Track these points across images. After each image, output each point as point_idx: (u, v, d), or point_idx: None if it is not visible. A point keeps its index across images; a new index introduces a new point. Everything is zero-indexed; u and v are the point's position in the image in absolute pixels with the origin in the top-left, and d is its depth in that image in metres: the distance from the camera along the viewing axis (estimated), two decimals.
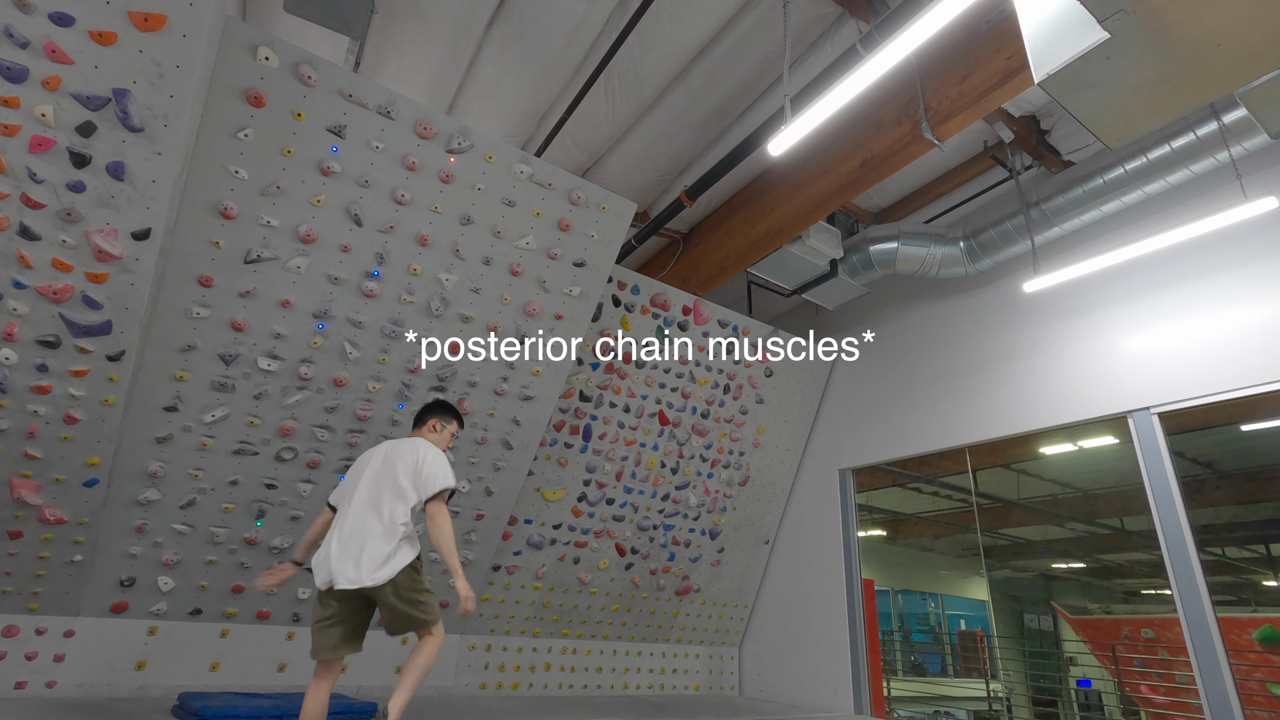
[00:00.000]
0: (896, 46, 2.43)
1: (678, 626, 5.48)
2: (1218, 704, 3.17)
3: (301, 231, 3.17)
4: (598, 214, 3.82)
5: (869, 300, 5.49)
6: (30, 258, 2.62)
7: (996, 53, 3.28)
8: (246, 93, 2.84)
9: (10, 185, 2.50)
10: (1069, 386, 4.10)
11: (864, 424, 5.34)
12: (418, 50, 3.70)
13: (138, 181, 2.62)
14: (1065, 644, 7.22)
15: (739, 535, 5.53)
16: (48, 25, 2.34)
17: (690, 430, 5.05)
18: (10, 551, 3.10)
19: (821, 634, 5.10)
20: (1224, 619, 3.28)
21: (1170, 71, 1.90)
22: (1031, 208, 4.07)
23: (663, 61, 3.70)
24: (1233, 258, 3.59)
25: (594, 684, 5.04)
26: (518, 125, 4.21)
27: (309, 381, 3.47)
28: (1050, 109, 3.94)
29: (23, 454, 2.93)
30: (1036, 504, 7.34)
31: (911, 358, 5.12)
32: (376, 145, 3.16)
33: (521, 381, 4.02)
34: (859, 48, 2.89)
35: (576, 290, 3.95)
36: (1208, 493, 5.52)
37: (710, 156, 4.45)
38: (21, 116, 2.43)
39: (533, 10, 3.48)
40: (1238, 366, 3.45)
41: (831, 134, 4.11)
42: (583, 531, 4.77)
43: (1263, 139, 3.22)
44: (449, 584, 4.28)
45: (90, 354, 2.85)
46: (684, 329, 4.80)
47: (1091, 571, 8.15)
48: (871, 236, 4.71)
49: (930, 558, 9.46)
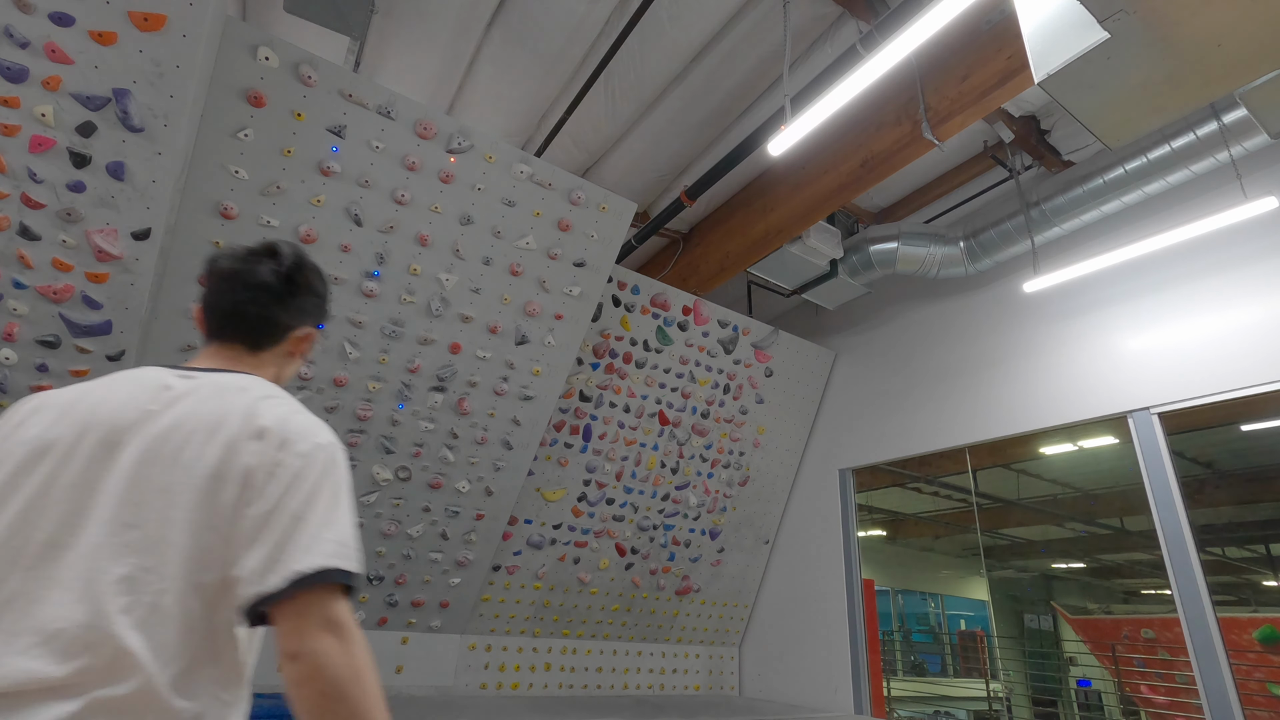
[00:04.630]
0: (896, 46, 2.43)
1: (678, 626, 5.48)
2: (1218, 704, 3.16)
3: (301, 231, 3.17)
4: (598, 214, 3.82)
5: (869, 300, 5.48)
6: (30, 258, 2.62)
7: (996, 53, 3.27)
8: (246, 93, 2.84)
9: (10, 185, 2.50)
10: (1069, 386, 4.10)
11: (864, 424, 5.34)
12: (418, 50, 3.70)
13: (138, 181, 2.62)
14: (1065, 644, 7.22)
15: (739, 535, 5.53)
16: (48, 25, 2.34)
17: (690, 430, 5.05)
18: None
19: (821, 634, 5.10)
20: (1224, 619, 3.28)
21: (1170, 71, 1.90)
22: (1031, 208, 4.06)
23: (663, 61, 3.69)
24: (1233, 258, 3.58)
25: (594, 684, 5.04)
26: (518, 125, 4.21)
27: (309, 381, 3.47)
28: (1050, 109, 3.94)
29: None
30: (1036, 504, 7.34)
31: (911, 358, 5.12)
32: (376, 145, 3.16)
33: (521, 381, 4.02)
34: (859, 48, 2.89)
35: (576, 290, 3.95)
36: (1208, 493, 5.52)
37: (710, 156, 4.45)
38: (21, 116, 2.43)
39: (533, 10, 3.48)
40: (1238, 366, 3.44)
41: (831, 134, 4.11)
42: (583, 531, 4.77)
43: (1263, 139, 3.22)
44: (450, 584, 4.29)
45: (90, 354, 2.85)
46: (684, 329, 4.80)
47: (1091, 571, 8.15)
48: (871, 236, 4.71)
49: (930, 558, 9.46)
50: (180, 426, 0.92)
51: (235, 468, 0.89)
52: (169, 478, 0.88)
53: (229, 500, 0.88)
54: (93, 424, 0.92)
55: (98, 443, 0.91)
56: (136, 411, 0.93)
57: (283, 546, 0.85)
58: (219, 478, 0.89)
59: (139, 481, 0.88)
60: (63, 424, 0.92)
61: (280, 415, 0.96)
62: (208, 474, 0.89)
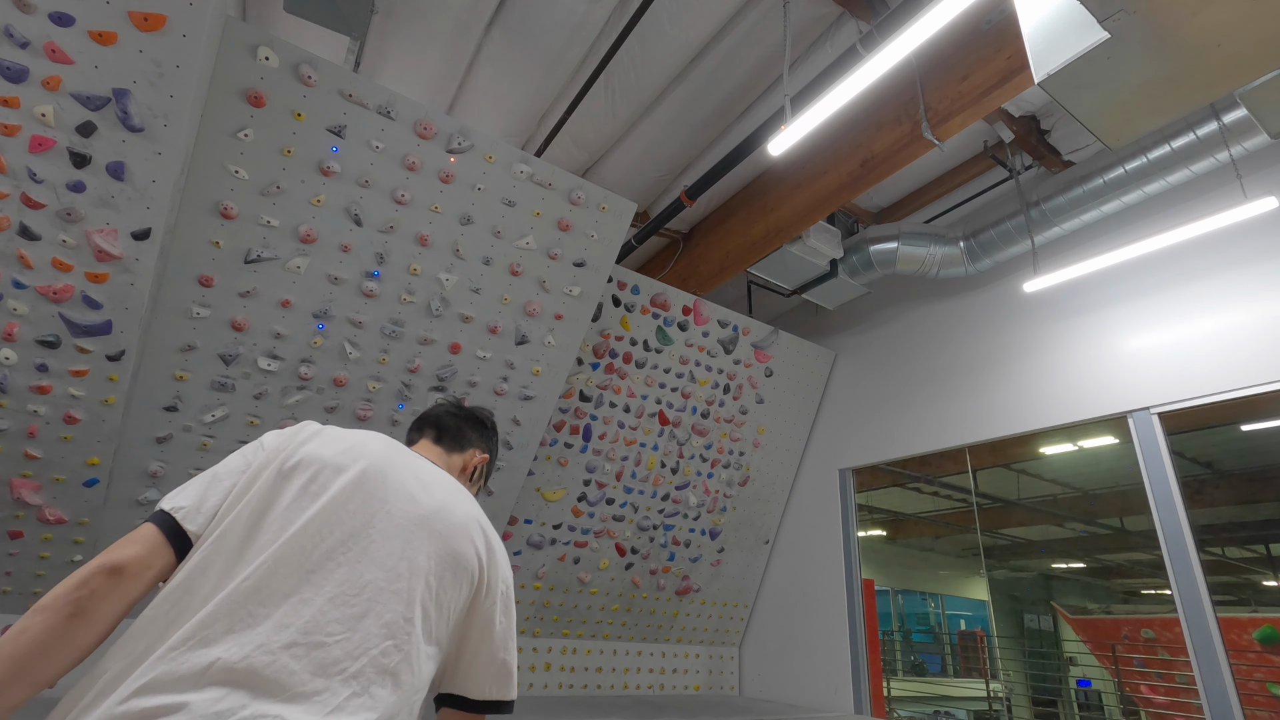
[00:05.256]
0: (896, 46, 2.43)
1: (678, 626, 5.48)
2: (1218, 704, 3.16)
3: (301, 231, 3.17)
4: (598, 214, 3.82)
5: (869, 300, 5.48)
6: (30, 258, 2.62)
7: (996, 53, 3.27)
8: (246, 93, 2.84)
9: (10, 185, 2.50)
10: (1069, 386, 4.10)
11: (864, 424, 5.34)
12: (418, 50, 3.70)
13: (138, 181, 2.62)
14: (1065, 644, 7.22)
15: (739, 535, 5.53)
16: (48, 25, 2.34)
17: (690, 430, 5.05)
18: (10, 551, 3.10)
19: (821, 634, 5.10)
20: (1224, 619, 3.28)
21: (1170, 71, 1.90)
22: (1031, 208, 4.06)
23: (663, 61, 3.69)
24: (1233, 258, 3.58)
25: (594, 684, 5.04)
26: (518, 125, 4.21)
27: (309, 381, 3.47)
28: (1050, 109, 3.94)
29: (23, 454, 2.93)
30: (1036, 504, 7.34)
31: (912, 358, 5.12)
32: (376, 145, 3.16)
33: (521, 381, 4.02)
34: (859, 48, 2.89)
35: (576, 290, 3.95)
36: (1208, 493, 5.52)
37: (710, 156, 4.45)
38: (21, 116, 2.43)
39: (533, 10, 3.48)
40: (1238, 366, 3.44)
41: (831, 134, 4.11)
42: (583, 531, 4.77)
43: (1263, 139, 3.22)
44: None
45: (90, 354, 2.85)
46: (684, 329, 4.80)
47: (1091, 571, 8.15)
48: (871, 236, 4.71)
49: (930, 558, 9.46)
50: (444, 501, 1.20)
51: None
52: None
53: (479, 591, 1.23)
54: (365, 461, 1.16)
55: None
56: (389, 463, 1.19)
57: (491, 664, 1.27)
58: None
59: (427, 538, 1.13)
60: None
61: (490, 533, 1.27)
62: None
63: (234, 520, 0.98)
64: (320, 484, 1.03)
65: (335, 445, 1.10)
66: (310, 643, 0.88)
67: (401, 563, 0.99)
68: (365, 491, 1.04)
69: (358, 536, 0.99)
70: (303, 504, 1.00)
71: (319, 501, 1.00)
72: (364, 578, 0.96)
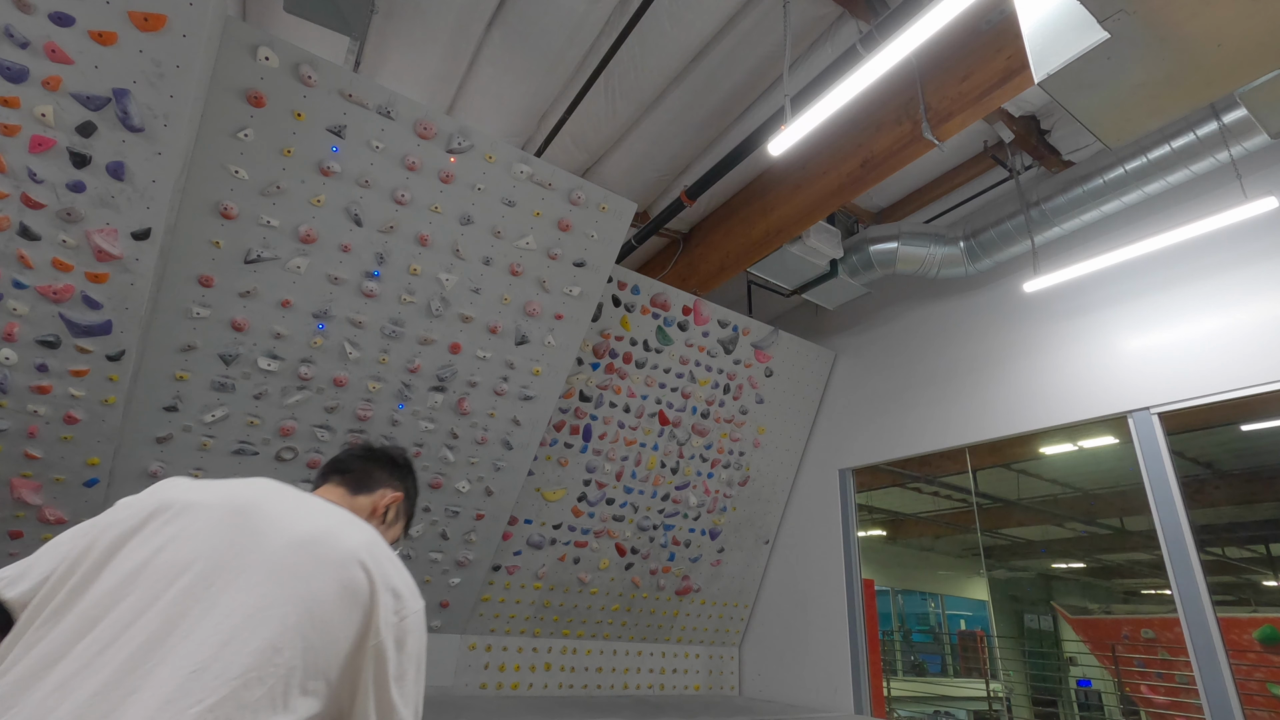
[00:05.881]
0: (896, 46, 2.43)
1: (678, 626, 5.48)
2: (1218, 704, 3.16)
3: (301, 231, 3.17)
4: (598, 214, 3.82)
5: (869, 300, 5.48)
6: (30, 258, 2.62)
7: (996, 53, 3.27)
8: (246, 93, 2.84)
9: (10, 185, 2.50)
10: (1069, 386, 4.10)
11: (864, 424, 5.34)
12: (418, 50, 3.70)
13: (138, 181, 2.62)
14: (1065, 644, 7.23)
15: (739, 535, 5.53)
16: (48, 25, 2.34)
17: (690, 430, 5.05)
18: (10, 552, 3.10)
19: (821, 634, 5.10)
20: (1224, 619, 3.28)
21: (1170, 71, 1.90)
22: (1031, 208, 4.06)
23: (663, 61, 3.69)
24: (1233, 258, 3.58)
25: (594, 684, 5.04)
26: (518, 125, 4.21)
27: (309, 381, 3.47)
28: (1050, 109, 3.94)
29: (23, 454, 2.94)
30: (1036, 504, 7.35)
31: (912, 358, 5.12)
32: (376, 145, 3.16)
33: (521, 381, 4.02)
34: (859, 48, 2.89)
35: (576, 290, 3.95)
36: (1208, 493, 5.53)
37: (710, 156, 4.45)
38: (21, 116, 2.43)
39: (533, 10, 3.48)
40: (1238, 366, 3.44)
41: (831, 134, 4.11)
42: (583, 531, 4.77)
43: (1263, 139, 3.22)
44: (450, 584, 4.29)
45: (90, 354, 2.85)
46: (684, 329, 4.80)
47: (1091, 571, 8.16)
48: (871, 236, 4.71)
49: (930, 558, 9.46)
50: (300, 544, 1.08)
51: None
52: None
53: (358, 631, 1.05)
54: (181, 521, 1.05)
55: None
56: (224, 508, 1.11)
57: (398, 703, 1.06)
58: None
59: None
60: None
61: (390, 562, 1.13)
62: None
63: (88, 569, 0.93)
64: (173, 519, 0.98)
65: (203, 489, 1.06)
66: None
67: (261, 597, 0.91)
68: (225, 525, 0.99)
69: (222, 569, 0.92)
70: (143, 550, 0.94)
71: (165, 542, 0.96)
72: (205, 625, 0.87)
